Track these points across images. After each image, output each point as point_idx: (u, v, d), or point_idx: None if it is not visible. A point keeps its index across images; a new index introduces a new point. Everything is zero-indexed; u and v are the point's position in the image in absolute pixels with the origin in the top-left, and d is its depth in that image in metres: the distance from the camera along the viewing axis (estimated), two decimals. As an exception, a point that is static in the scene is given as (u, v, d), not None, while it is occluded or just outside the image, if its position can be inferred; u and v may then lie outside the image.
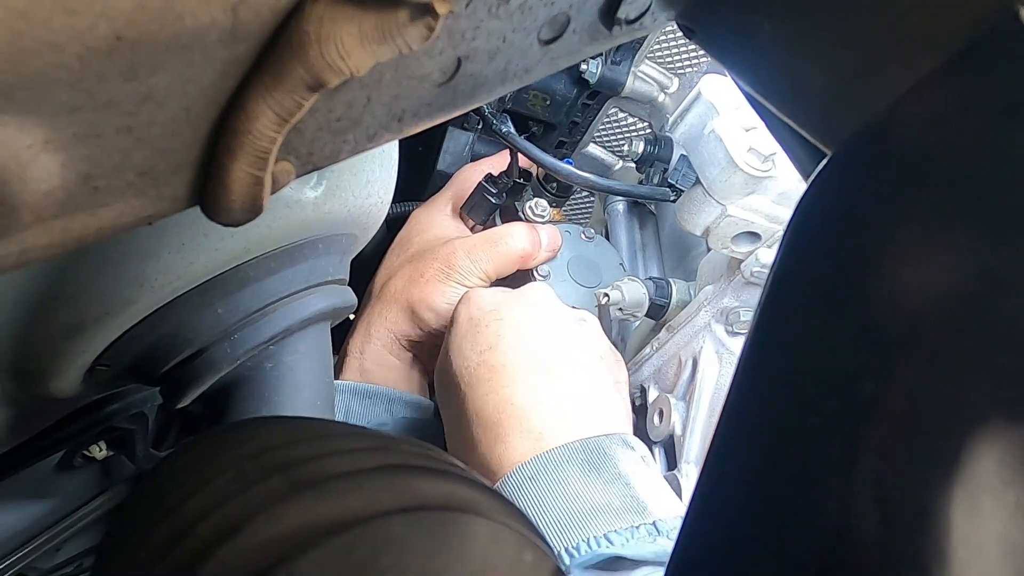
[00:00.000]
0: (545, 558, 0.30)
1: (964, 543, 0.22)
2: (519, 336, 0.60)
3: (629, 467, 0.54)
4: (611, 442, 0.56)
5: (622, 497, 0.52)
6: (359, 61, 0.24)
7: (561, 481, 0.52)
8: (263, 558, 0.27)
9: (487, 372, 0.59)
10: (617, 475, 0.53)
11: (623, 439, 0.57)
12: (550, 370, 0.59)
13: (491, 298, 0.64)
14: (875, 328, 0.25)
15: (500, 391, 0.58)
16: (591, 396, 0.59)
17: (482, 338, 0.61)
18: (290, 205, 0.49)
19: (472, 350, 0.61)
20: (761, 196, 0.62)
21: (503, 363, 0.59)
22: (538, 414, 0.56)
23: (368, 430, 0.36)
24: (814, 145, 0.33)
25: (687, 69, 0.78)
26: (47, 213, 0.23)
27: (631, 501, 0.52)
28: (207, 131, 0.25)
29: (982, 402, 0.22)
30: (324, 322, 0.55)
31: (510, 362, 0.59)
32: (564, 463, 0.54)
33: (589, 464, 0.54)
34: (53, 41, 0.19)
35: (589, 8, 0.32)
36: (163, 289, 0.45)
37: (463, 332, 0.62)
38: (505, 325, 0.61)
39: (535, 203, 0.75)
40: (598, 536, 0.49)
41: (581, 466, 0.53)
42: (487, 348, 0.60)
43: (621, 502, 0.51)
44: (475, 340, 0.61)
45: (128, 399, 0.65)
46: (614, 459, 0.54)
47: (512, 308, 0.63)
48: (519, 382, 0.58)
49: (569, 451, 0.54)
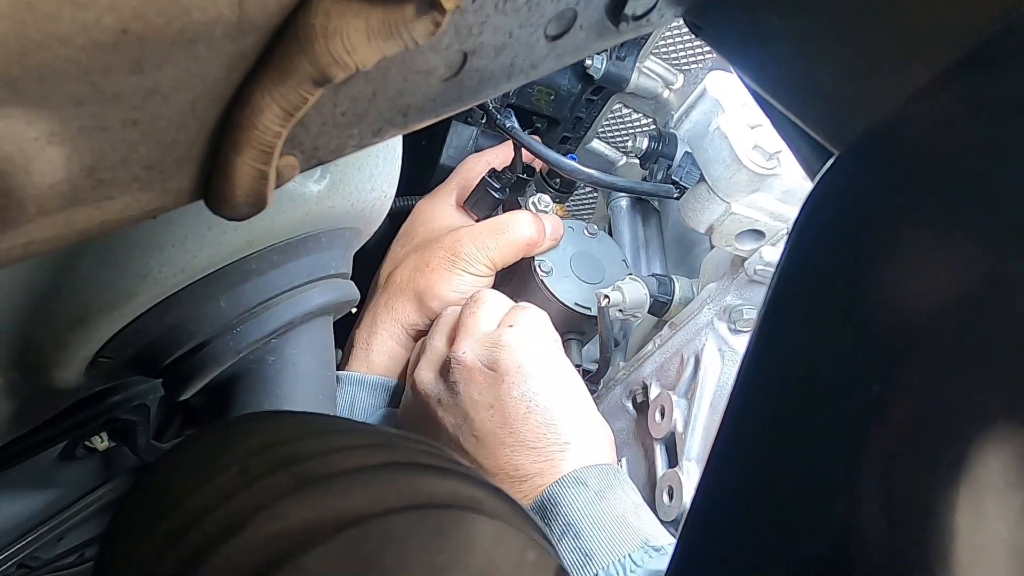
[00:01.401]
0: (548, 557, 0.30)
1: (969, 545, 0.21)
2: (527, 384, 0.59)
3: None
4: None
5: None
6: (365, 56, 0.24)
7: (621, 494, 0.54)
8: (267, 554, 0.27)
9: (501, 432, 0.58)
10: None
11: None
12: (555, 401, 0.59)
13: (488, 349, 0.62)
14: (881, 329, 0.25)
15: (516, 455, 0.57)
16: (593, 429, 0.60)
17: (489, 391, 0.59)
18: (294, 199, 0.49)
19: (480, 404, 0.59)
20: (765, 194, 0.62)
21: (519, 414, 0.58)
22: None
23: (373, 427, 0.37)
24: (820, 144, 0.33)
25: (692, 65, 0.78)
26: (52, 206, 0.23)
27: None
28: (212, 125, 0.25)
29: (988, 404, 0.22)
30: (327, 316, 0.55)
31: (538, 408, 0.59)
32: (620, 481, 0.56)
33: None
34: (59, 34, 0.19)
35: (596, 4, 0.32)
36: (166, 282, 0.45)
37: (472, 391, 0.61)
38: (514, 375, 0.60)
39: (538, 198, 0.75)
40: (656, 546, 0.51)
41: (622, 485, 0.55)
42: (493, 402, 0.59)
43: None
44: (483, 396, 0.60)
45: (130, 391, 0.65)
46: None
47: (510, 357, 0.61)
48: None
49: (609, 471, 0.56)
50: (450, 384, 0.60)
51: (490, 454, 0.57)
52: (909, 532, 0.22)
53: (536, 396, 0.58)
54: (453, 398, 0.60)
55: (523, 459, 0.56)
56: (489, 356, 0.60)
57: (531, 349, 0.60)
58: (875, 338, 0.25)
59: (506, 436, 0.57)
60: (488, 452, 0.57)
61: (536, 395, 0.58)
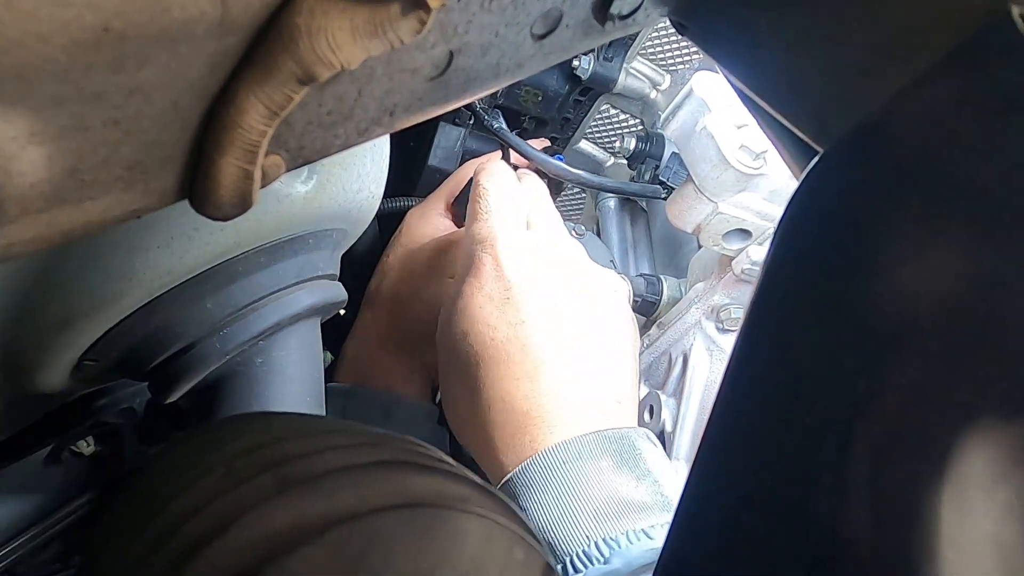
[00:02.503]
0: (536, 555, 0.30)
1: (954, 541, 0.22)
2: (555, 314, 0.56)
3: (655, 464, 0.53)
4: (638, 436, 0.54)
5: (653, 495, 0.51)
6: (350, 55, 0.24)
7: (597, 470, 0.51)
8: (252, 556, 0.26)
9: (518, 351, 0.55)
10: (647, 471, 0.52)
11: (648, 435, 0.55)
12: (585, 352, 0.56)
13: (523, 262, 0.59)
14: (867, 326, 0.25)
15: (529, 376, 0.54)
16: (620, 382, 0.57)
17: (512, 309, 0.56)
18: (280, 199, 0.48)
19: (501, 320, 0.56)
20: (752, 193, 0.62)
21: (533, 343, 0.55)
22: (569, 403, 0.54)
23: (358, 426, 0.36)
24: (806, 142, 0.33)
25: (679, 66, 0.78)
26: (33, 206, 0.23)
27: (662, 500, 0.51)
28: (196, 124, 0.24)
29: (973, 400, 0.23)
30: (314, 317, 0.55)
31: (539, 344, 0.55)
32: (600, 452, 0.52)
33: (621, 457, 0.52)
34: (39, 32, 0.18)
35: (582, 3, 0.32)
36: (151, 283, 0.45)
37: (488, 294, 0.57)
38: (541, 298, 0.57)
39: (526, 199, 0.75)
40: (636, 531, 0.48)
41: (615, 458, 0.52)
42: (519, 322, 0.56)
43: (652, 500, 0.50)
44: (504, 309, 0.56)
45: (116, 394, 0.65)
46: (643, 454, 0.53)
47: (548, 278, 0.58)
48: (550, 367, 0.54)
49: (605, 440, 0.52)
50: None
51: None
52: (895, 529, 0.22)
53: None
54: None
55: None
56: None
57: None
58: (861, 336, 0.25)
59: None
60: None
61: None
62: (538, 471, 0.51)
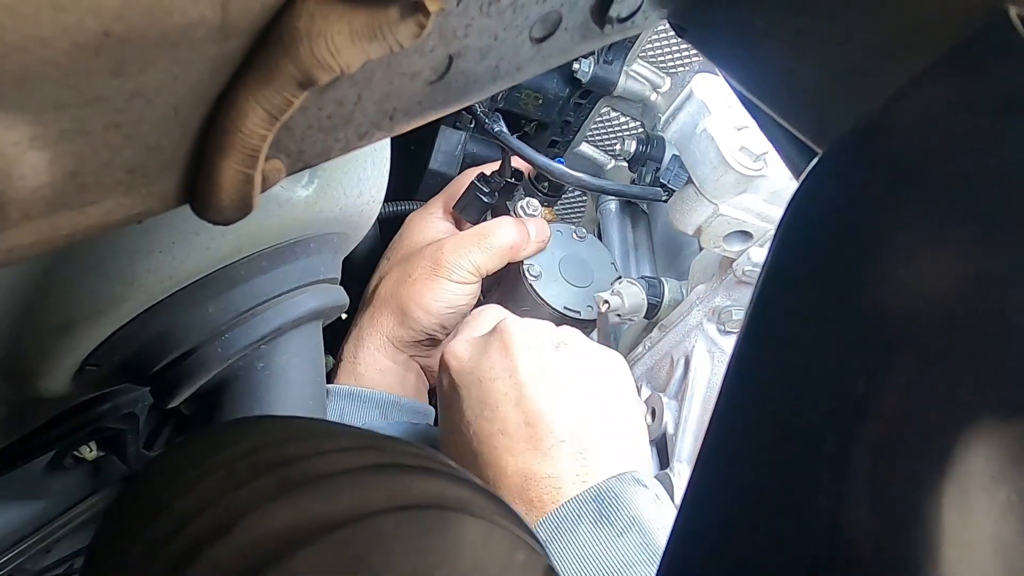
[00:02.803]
0: (537, 557, 0.30)
1: (955, 540, 0.22)
2: (502, 396, 0.57)
3: (642, 510, 0.53)
4: (622, 483, 0.54)
5: (638, 546, 0.51)
6: (349, 58, 0.24)
7: (575, 542, 0.51)
8: (254, 557, 0.26)
9: (479, 445, 0.57)
10: (631, 522, 0.52)
11: (634, 478, 0.55)
12: (545, 421, 0.56)
13: (462, 360, 0.61)
14: (867, 326, 0.25)
15: (497, 463, 0.55)
16: (589, 429, 0.57)
17: (466, 407, 0.58)
18: (281, 204, 0.48)
19: (460, 423, 0.58)
20: (753, 195, 0.62)
21: (490, 431, 0.56)
22: (539, 476, 0.54)
23: (359, 429, 0.36)
24: (805, 143, 0.33)
25: (679, 68, 0.78)
26: (35, 210, 0.23)
27: (645, 552, 0.51)
28: (197, 128, 0.24)
29: (973, 400, 0.23)
30: (316, 321, 0.55)
31: (497, 431, 0.56)
32: (577, 519, 0.52)
33: (601, 514, 0.52)
34: (40, 37, 0.19)
35: (581, 6, 0.32)
36: (153, 288, 0.45)
37: (445, 402, 0.60)
38: (483, 386, 0.58)
39: (527, 202, 0.75)
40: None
41: (593, 518, 0.52)
42: (474, 418, 0.58)
43: (636, 553, 0.50)
44: (456, 414, 0.59)
45: (119, 399, 0.65)
46: (627, 503, 0.53)
47: (484, 366, 0.60)
48: (509, 450, 0.55)
49: (580, 504, 0.52)
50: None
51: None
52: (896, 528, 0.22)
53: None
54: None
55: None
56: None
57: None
58: (861, 336, 0.25)
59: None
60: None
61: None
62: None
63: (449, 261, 0.70)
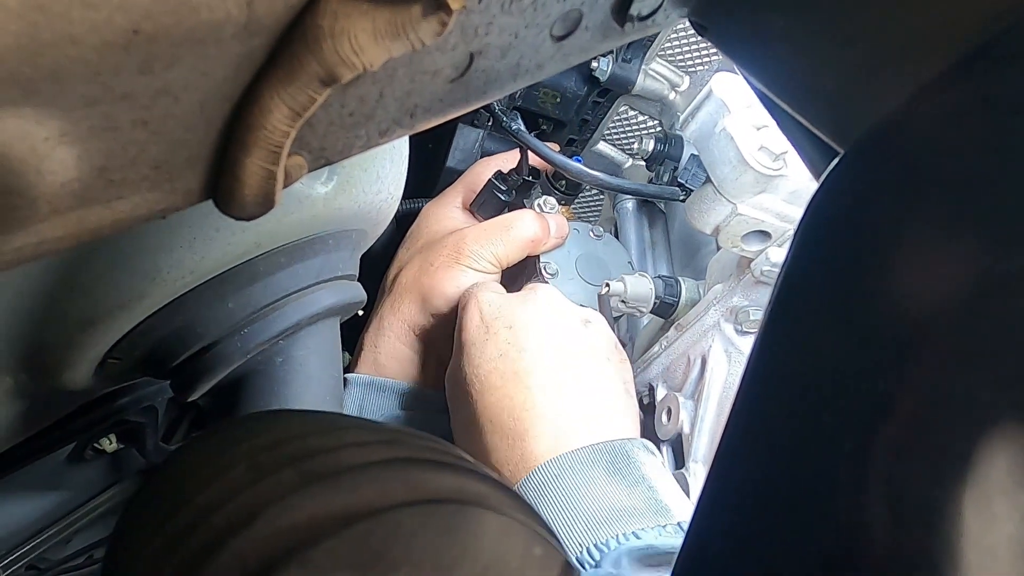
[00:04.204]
0: (555, 552, 0.31)
1: (975, 544, 0.21)
2: (529, 341, 0.60)
3: (651, 471, 0.55)
4: (633, 446, 0.56)
5: (646, 500, 0.52)
6: (372, 56, 0.24)
7: (587, 480, 0.53)
8: (276, 548, 0.27)
9: (499, 379, 0.59)
10: (641, 478, 0.54)
11: (644, 444, 0.57)
12: (562, 375, 0.59)
13: (498, 302, 0.64)
14: (888, 328, 0.25)
15: (514, 397, 0.58)
16: (603, 399, 0.59)
17: (492, 345, 0.61)
18: (301, 200, 0.49)
19: (482, 357, 0.61)
20: (772, 195, 0.62)
21: (515, 370, 0.59)
22: (554, 419, 0.57)
23: (379, 423, 0.37)
24: (826, 143, 0.33)
25: (698, 67, 0.78)
26: (63, 205, 0.23)
27: (655, 504, 0.52)
28: (221, 125, 0.25)
29: (995, 403, 0.22)
30: (334, 317, 0.56)
31: (522, 369, 0.59)
32: (590, 464, 0.54)
33: (613, 466, 0.54)
34: (71, 34, 0.19)
35: (601, 4, 0.32)
36: (175, 283, 0.46)
37: (472, 339, 0.62)
38: (515, 331, 0.61)
39: (544, 201, 0.75)
40: (626, 532, 0.49)
41: (606, 468, 0.54)
42: (498, 355, 0.60)
43: (646, 505, 0.52)
44: (484, 347, 0.61)
45: (139, 392, 0.66)
46: (637, 463, 0.55)
47: (520, 313, 0.63)
48: (533, 388, 0.58)
49: (594, 452, 0.55)
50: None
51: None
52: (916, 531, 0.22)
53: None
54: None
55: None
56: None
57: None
58: (881, 337, 0.25)
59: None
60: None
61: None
62: (532, 488, 0.54)
63: (471, 250, 0.71)
